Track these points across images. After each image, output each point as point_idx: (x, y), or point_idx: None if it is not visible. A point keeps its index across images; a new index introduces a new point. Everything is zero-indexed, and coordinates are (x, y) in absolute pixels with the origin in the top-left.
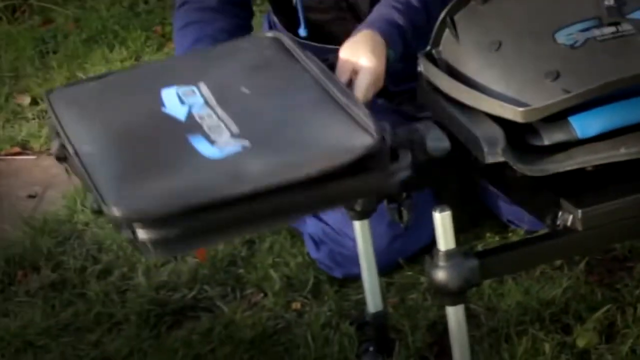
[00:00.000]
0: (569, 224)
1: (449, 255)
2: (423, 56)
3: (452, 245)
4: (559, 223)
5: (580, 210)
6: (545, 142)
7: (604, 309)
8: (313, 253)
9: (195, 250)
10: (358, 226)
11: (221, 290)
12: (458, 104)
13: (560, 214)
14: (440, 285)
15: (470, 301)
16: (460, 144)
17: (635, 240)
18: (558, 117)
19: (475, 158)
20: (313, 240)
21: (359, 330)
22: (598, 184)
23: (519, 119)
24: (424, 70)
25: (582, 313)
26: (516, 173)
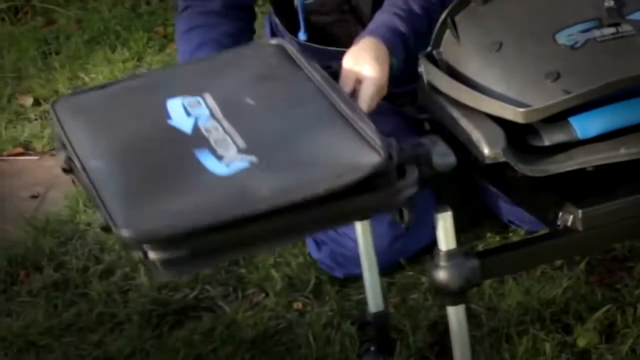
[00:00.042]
0: (570, 224)
1: (450, 255)
2: (424, 57)
3: (453, 245)
4: (559, 223)
5: (580, 211)
6: (546, 143)
7: (604, 308)
8: (314, 253)
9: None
10: (359, 227)
11: (223, 290)
12: (459, 104)
13: (560, 214)
14: (441, 285)
15: (471, 301)
16: (460, 144)
17: (636, 240)
18: (558, 118)
19: (475, 158)
20: (314, 240)
21: (360, 330)
22: (598, 185)
23: (520, 119)
24: (425, 71)
25: (583, 313)
26: (517, 173)
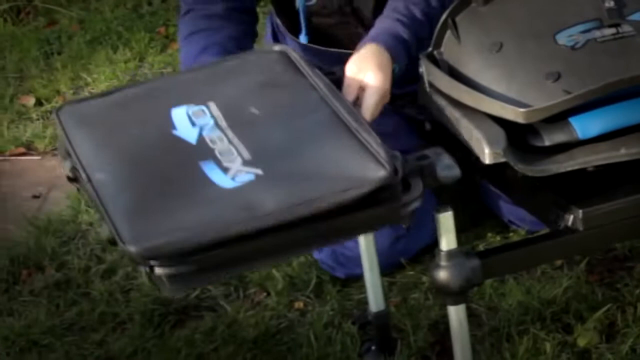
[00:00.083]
0: (570, 224)
1: (451, 255)
2: (425, 57)
3: (454, 245)
4: (559, 223)
5: (581, 211)
6: (546, 143)
7: (605, 308)
8: (315, 253)
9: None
10: None
11: (224, 290)
12: (459, 104)
13: (561, 214)
14: (442, 285)
15: (472, 301)
16: (461, 145)
17: (636, 240)
18: (559, 118)
19: (476, 158)
20: None
21: (361, 330)
22: (599, 185)
23: (520, 119)
24: (426, 72)
25: (583, 312)
26: (517, 173)
